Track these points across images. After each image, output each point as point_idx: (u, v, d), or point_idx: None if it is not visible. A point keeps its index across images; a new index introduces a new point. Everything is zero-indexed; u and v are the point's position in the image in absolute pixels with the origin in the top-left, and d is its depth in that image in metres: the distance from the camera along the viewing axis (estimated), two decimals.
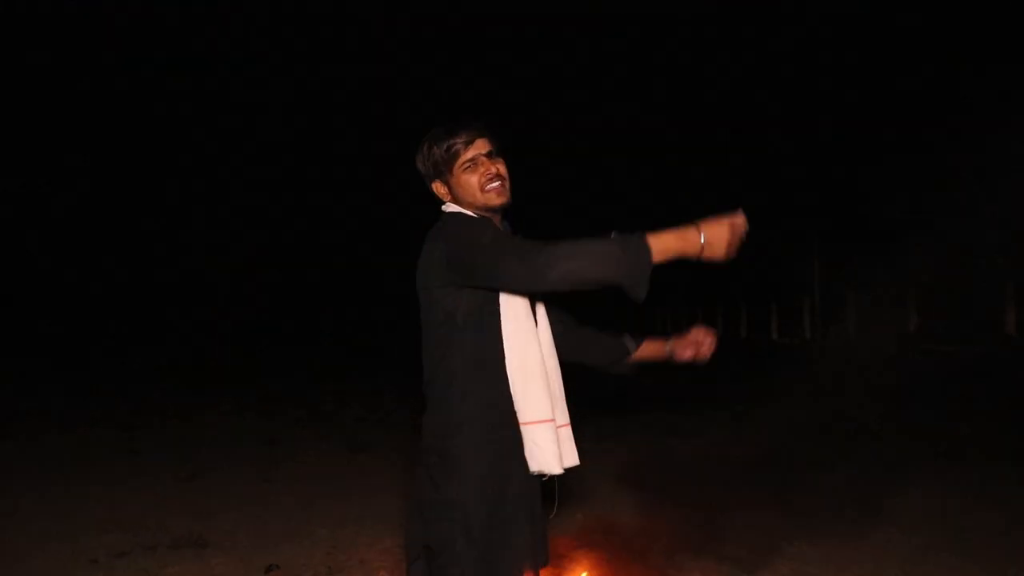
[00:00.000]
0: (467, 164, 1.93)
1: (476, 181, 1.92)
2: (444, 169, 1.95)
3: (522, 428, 1.87)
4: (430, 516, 1.86)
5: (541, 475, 1.89)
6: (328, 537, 4.44)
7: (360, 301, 35.99)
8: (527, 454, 1.87)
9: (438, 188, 1.99)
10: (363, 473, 6.16)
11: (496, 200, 1.93)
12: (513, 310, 1.88)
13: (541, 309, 2.01)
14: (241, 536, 4.47)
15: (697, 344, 2.17)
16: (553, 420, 1.89)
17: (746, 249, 1.70)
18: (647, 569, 3.84)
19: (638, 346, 2.26)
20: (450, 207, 1.98)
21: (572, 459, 1.97)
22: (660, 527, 4.49)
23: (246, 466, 6.41)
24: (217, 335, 26.97)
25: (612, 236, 1.68)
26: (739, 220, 1.68)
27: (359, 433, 7.86)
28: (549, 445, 1.86)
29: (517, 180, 2.01)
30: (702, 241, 1.65)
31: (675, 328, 2.45)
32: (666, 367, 2.41)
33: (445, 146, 1.93)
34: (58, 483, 5.81)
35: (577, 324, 2.23)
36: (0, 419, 8.82)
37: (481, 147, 1.94)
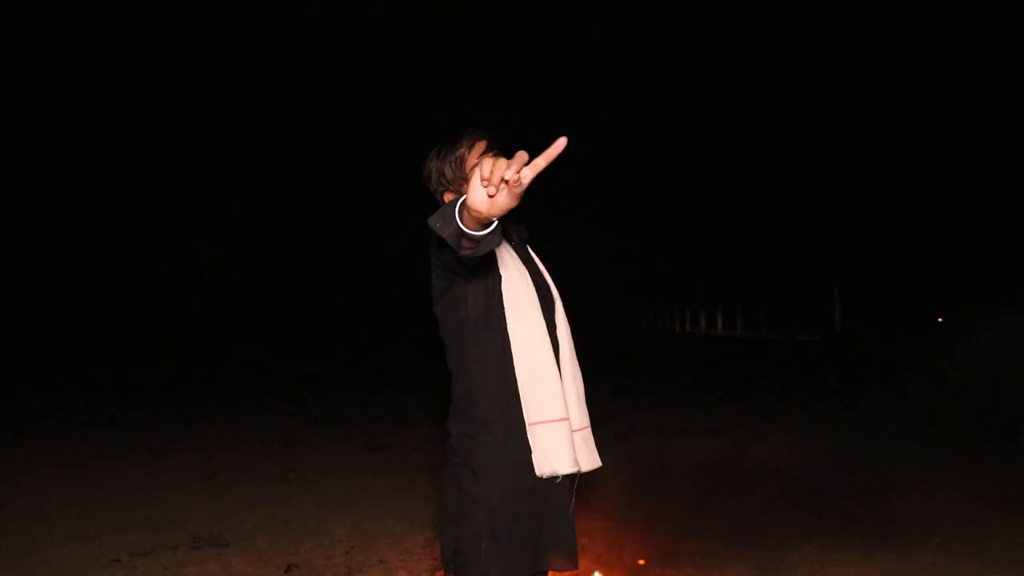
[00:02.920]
0: (475, 167, 1.87)
1: None
2: (453, 176, 1.96)
3: (530, 429, 1.85)
4: (457, 517, 1.86)
5: (555, 476, 1.86)
6: (348, 536, 4.45)
7: (374, 299, 36.04)
8: (534, 457, 1.84)
9: (449, 199, 1.95)
10: (382, 472, 6.17)
11: None
12: (518, 310, 1.88)
13: (560, 310, 2.00)
14: (260, 536, 4.49)
15: None
16: (566, 419, 1.87)
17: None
18: (665, 568, 3.82)
19: None
20: None
21: (590, 462, 1.95)
22: (677, 526, 4.45)
23: (266, 466, 6.45)
24: (232, 337, 27.14)
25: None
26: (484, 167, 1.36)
27: (378, 433, 7.88)
28: (560, 445, 1.84)
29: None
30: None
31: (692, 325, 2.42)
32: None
33: (451, 154, 1.96)
34: (79, 483, 5.87)
35: None
36: (20, 419, 8.92)
37: (484, 148, 1.96)
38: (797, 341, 21.59)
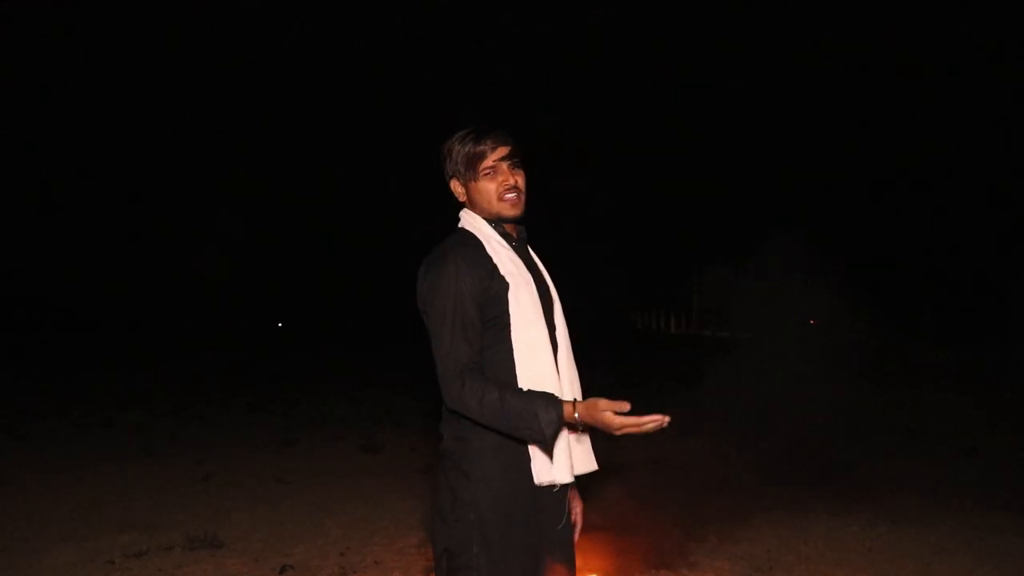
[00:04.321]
0: (488, 170, 1.94)
1: (494, 189, 1.94)
2: (466, 169, 1.96)
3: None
4: (448, 519, 1.84)
5: (552, 485, 1.85)
6: (342, 537, 4.44)
7: (369, 300, 35.99)
8: (533, 466, 1.82)
9: (455, 187, 2.01)
10: (377, 474, 6.16)
11: (509, 211, 1.96)
12: (523, 319, 1.86)
13: (559, 311, 1.99)
14: (256, 537, 4.48)
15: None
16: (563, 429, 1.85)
17: None
18: (660, 568, 3.82)
19: None
20: (463, 219, 2.00)
21: (587, 465, 1.94)
22: (672, 526, 4.46)
23: (261, 466, 6.43)
24: (226, 337, 27.09)
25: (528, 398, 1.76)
26: (616, 427, 1.69)
27: (373, 434, 7.87)
28: (559, 454, 1.82)
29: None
30: (578, 421, 1.74)
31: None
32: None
33: (472, 147, 1.95)
34: (74, 484, 5.85)
35: None
36: (14, 419, 8.88)
37: (505, 155, 1.95)
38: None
